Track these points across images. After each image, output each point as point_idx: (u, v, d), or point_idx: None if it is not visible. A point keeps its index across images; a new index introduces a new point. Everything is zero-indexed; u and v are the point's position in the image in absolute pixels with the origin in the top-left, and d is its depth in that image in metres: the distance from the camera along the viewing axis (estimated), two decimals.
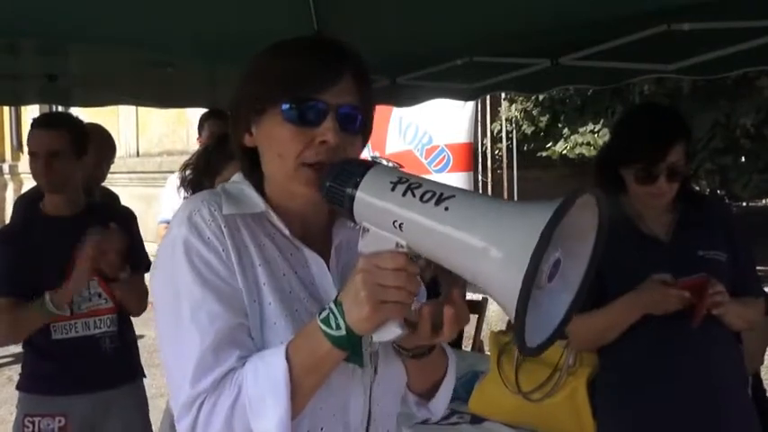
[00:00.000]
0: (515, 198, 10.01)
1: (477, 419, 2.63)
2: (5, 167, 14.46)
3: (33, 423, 2.59)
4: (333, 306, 1.05)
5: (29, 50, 3.25)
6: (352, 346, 1.05)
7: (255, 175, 1.24)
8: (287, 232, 1.20)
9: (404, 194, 1.01)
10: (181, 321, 1.12)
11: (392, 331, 1.05)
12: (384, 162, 1.11)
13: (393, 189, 1.02)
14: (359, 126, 1.18)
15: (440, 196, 0.98)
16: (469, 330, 4.22)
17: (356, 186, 1.05)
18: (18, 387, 2.72)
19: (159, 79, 3.80)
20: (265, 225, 1.21)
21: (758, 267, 2.26)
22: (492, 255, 0.91)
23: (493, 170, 7.85)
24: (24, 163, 14.23)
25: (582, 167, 6.97)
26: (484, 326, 4.30)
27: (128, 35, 2.87)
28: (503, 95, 7.41)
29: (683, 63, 3.00)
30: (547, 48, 3.19)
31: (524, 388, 2.51)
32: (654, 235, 2.10)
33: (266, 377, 1.06)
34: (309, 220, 1.24)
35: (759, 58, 2.97)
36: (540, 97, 7.03)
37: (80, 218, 2.62)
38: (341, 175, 1.08)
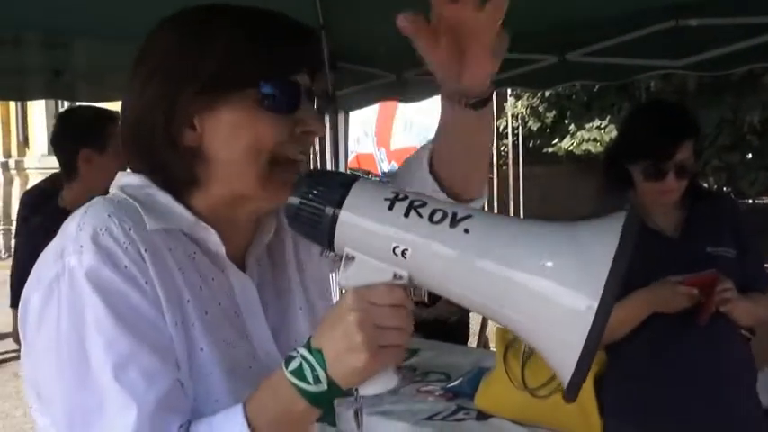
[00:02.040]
0: (521, 194, 9.99)
1: (482, 416, 2.63)
2: (12, 163, 14.50)
3: None
4: (306, 354, 0.83)
5: (34, 45, 3.25)
6: (329, 403, 0.85)
7: (186, 181, 0.95)
8: (222, 251, 0.96)
9: (406, 214, 0.81)
10: (97, 386, 0.83)
11: (387, 381, 0.85)
12: (363, 176, 0.93)
13: (391, 208, 0.82)
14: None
15: (453, 216, 0.80)
16: (475, 327, 4.22)
17: (339, 205, 0.83)
18: None
19: None
20: (185, 243, 0.95)
21: (767, 264, 2.25)
22: (541, 291, 0.73)
23: (498, 166, 7.84)
24: (30, 158, 14.30)
25: (588, 164, 6.96)
26: (489, 322, 4.30)
27: (134, 30, 2.87)
28: (509, 91, 7.40)
29: (690, 59, 2.99)
30: (553, 44, 3.18)
31: (531, 384, 2.50)
32: (662, 232, 2.09)
33: None
34: (246, 235, 1.02)
35: (766, 55, 2.96)
36: (547, 93, 7.03)
37: None
38: (317, 189, 0.85)
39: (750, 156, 6.54)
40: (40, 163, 12.71)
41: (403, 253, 0.81)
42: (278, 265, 1.07)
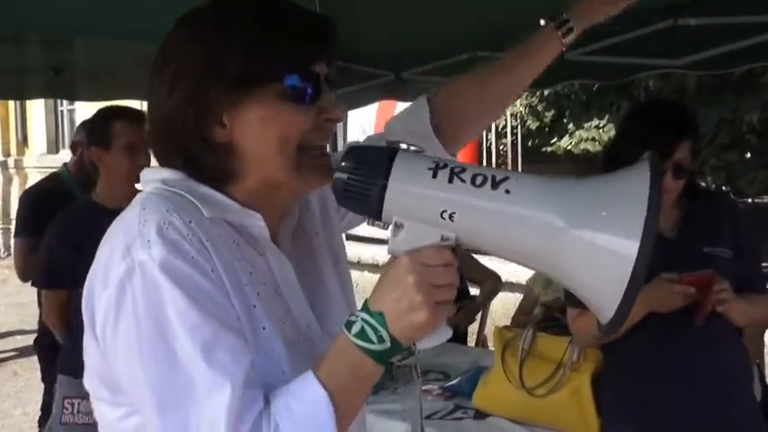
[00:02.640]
0: None
1: (480, 415, 2.63)
2: (11, 162, 14.49)
3: (72, 405, 2.64)
4: (367, 317, 0.89)
5: (34, 44, 3.25)
6: (390, 359, 0.92)
7: (219, 176, 1.00)
8: (266, 234, 1.02)
9: (450, 180, 0.88)
10: (186, 370, 0.88)
11: (442, 334, 0.93)
12: (401, 147, 1.05)
13: (435, 176, 0.89)
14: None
15: (493, 179, 0.87)
16: (473, 326, 4.23)
17: (386, 176, 0.90)
18: (60, 371, 2.78)
19: None
20: (230, 232, 0.99)
21: (764, 264, 2.25)
22: (588, 237, 0.82)
23: (497, 165, 7.84)
24: (29, 157, 14.28)
25: (586, 163, 6.96)
26: (488, 321, 4.30)
27: (133, 28, 2.87)
28: None
29: (689, 58, 3.00)
30: None
31: (528, 383, 2.51)
32: (659, 231, 2.09)
33: (305, 414, 0.88)
34: (276, 218, 1.06)
35: (765, 54, 2.97)
36: (545, 92, 7.02)
37: None
38: (363, 163, 0.92)
39: (749, 155, 6.55)
40: (39, 162, 12.70)
41: (450, 216, 0.88)
42: (302, 240, 1.13)
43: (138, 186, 2.61)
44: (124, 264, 0.90)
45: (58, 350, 2.90)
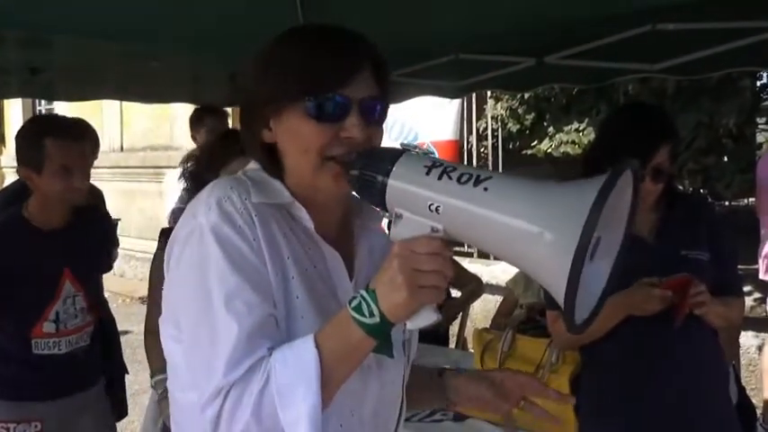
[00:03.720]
0: None
1: (459, 417, 2.64)
2: None
3: (8, 429, 2.49)
4: (364, 293, 1.04)
5: (11, 43, 3.22)
6: (384, 336, 1.05)
7: (276, 169, 1.21)
8: (311, 226, 1.20)
9: (440, 178, 1.01)
10: (213, 309, 1.08)
11: (427, 317, 1.05)
12: (415, 151, 1.18)
13: (428, 173, 1.02)
14: (381, 116, 1.19)
15: (477, 178, 0.99)
16: (453, 328, 4.23)
17: (388, 173, 1.05)
18: None
19: (143, 74, 3.78)
20: (287, 217, 1.20)
21: (741, 266, 2.28)
22: (538, 236, 0.92)
23: (478, 167, 7.87)
24: (7, 157, 14.09)
25: (567, 166, 6.99)
26: (468, 323, 4.31)
27: (112, 28, 2.84)
28: (488, 93, 7.42)
29: (667, 63, 3.02)
30: (532, 46, 3.20)
31: None
32: (638, 235, 2.11)
33: (296, 366, 1.04)
34: (328, 215, 1.24)
35: (742, 59, 3.00)
36: (526, 95, 7.04)
37: (70, 228, 2.51)
38: (371, 162, 1.08)
39: (726, 159, 6.61)
40: (14, 162, 12.54)
41: (437, 209, 1.01)
42: (365, 253, 1.30)
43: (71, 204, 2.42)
44: (191, 224, 1.13)
45: None
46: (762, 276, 4.41)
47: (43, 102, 12.89)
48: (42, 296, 2.46)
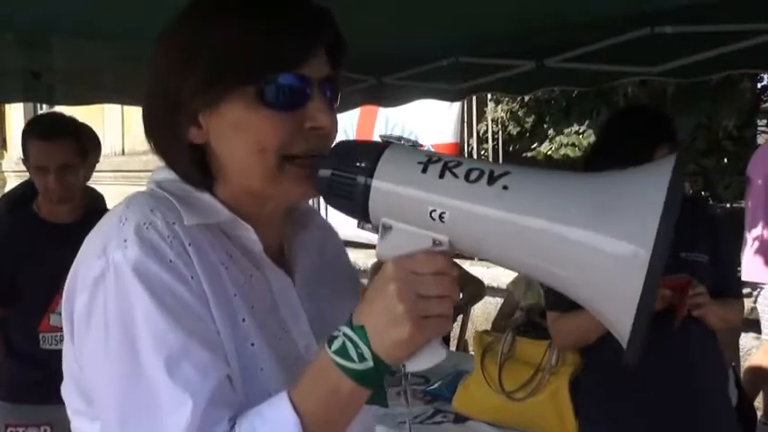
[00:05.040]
0: None
1: (460, 418, 2.65)
2: None
3: None
4: (348, 331, 0.80)
5: (12, 46, 3.22)
6: (378, 382, 0.81)
7: (203, 178, 0.93)
8: (259, 248, 0.93)
9: (441, 176, 0.78)
10: (148, 379, 0.80)
11: (433, 354, 0.81)
12: (395, 142, 0.94)
13: (425, 170, 0.78)
14: (337, 102, 0.94)
15: (491, 174, 0.76)
16: (454, 330, 4.24)
17: (371, 173, 0.81)
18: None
19: (145, 77, 3.78)
20: (221, 240, 0.92)
21: (740, 268, 2.28)
22: (592, 245, 0.70)
23: None
24: (8, 161, 14.13)
25: (567, 168, 7.00)
26: (469, 325, 4.32)
27: (114, 31, 2.85)
28: (489, 96, 7.43)
29: (666, 65, 3.02)
30: (532, 49, 3.20)
31: (507, 387, 2.52)
32: None
33: None
34: (272, 229, 0.98)
35: (742, 61, 3.00)
36: (526, 98, 7.05)
37: (79, 224, 2.51)
38: (346, 159, 0.83)
39: (726, 160, 6.61)
40: (18, 166, 12.56)
41: (440, 217, 0.77)
42: (318, 259, 1.06)
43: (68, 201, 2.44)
44: (99, 263, 0.84)
45: None
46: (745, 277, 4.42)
47: (44, 106, 12.91)
48: (49, 288, 2.46)
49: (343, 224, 1.06)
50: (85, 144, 2.59)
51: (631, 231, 0.69)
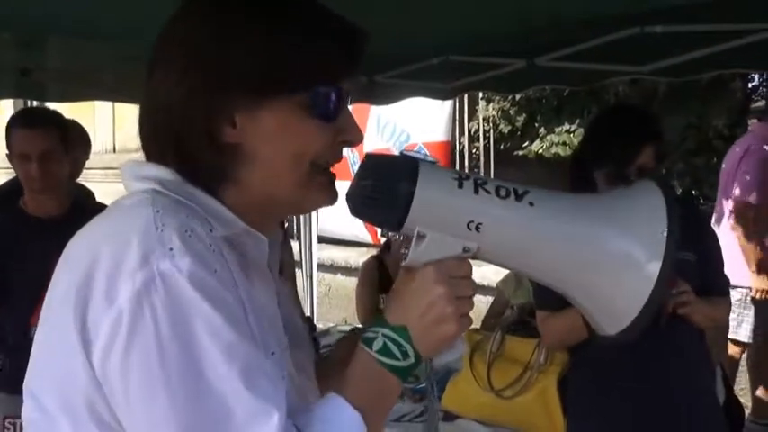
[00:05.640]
0: None
1: (449, 416, 2.65)
2: None
3: (15, 424, 2.49)
4: (388, 332, 0.86)
5: (2, 44, 3.21)
6: (413, 373, 0.88)
7: (221, 181, 0.89)
8: (266, 259, 0.92)
9: (476, 191, 0.87)
10: (220, 396, 0.76)
11: (459, 348, 0.91)
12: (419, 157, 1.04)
13: (461, 186, 0.87)
14: None
15: (516, 192, 0.88)
16: None
17: (414, 185, 0.86)
18: None
19: (137, 75, 3.76)
20: (227, 251, 0.86)
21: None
22: (613, 254, 0.86)
23: (470, 169, 7.88)
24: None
25: (557, 167, 7.02)
26: None
27: (105, 29, 2.84)
28: (480, 95, 7.44)
29: (657, 65, 3.04)
30: (522, 48, 3.21)
31: (496, 385, 2.53)
32: None
33: None
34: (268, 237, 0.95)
35: (732, 61, 3.02)
36: (517, 97, 7.07)
37: (67, 218, 2.53)
38: (388, 172, 0.88)
39: (715, 160, 6.65)
40: (5, 162, 12.49)
41: (477, 227, 0.87)
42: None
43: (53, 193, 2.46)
44: (141, 275, 0.76)
45: None
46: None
47: (35, 103, 12.85)
48: (38, 281, 2.46)
49: (338, 225, 1.08)
50: (68, 134, 2.59)
51: (646, 242, 0.86)
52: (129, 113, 10.99)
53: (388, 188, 0.87)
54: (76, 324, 0.79)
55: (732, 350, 4.14)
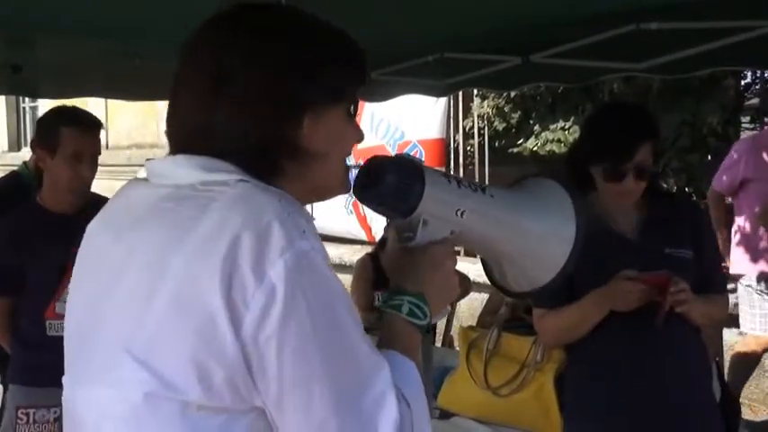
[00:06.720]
0: None
1: (446, 414, 2.65)
2: None
3: (27, 415, 2.53)
4: (411, 299, 1.08)
5: None
6: None
7: (271, 172, 1.01)
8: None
9: (459, 186, 1.13)
10: (357, 356, 0.94)
11: (445, 310, 1.19)
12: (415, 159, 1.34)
13: (449, 182, 1.13)
14: None
15: (480, 186, 1.15)
16: (440, 326, 4.24)
17: (423, 182, 1.09)
18: (10, 380, 2.67)
19: (129, 72, 3.75)
20: None
21: (723, 264, 2.29)
22: (548, 233, 1.18)
23: (465, 166, 7.86)
24: None
25: (552, 164, 7.02)
26: (454, 322, 4.32)
27: (97, 26, 2.83)
28: (475, 92, 7.43)
29: (652, 62, 3.03)
30: (517, 45, 3.21)
31: (493, 383, 2.53)
32: (621, 233, 2.12)
33: (415, 385, 1.01)
34: None
35: (726, 58, 3.02)
36: (512, 94, 7.06)
37: (80, 214, 2.49)
38: (405, 169, 1.10)
39: (710, 157, 6.65)
40: (1, 159, 12.47)
41: (462, 214, 1.12)
42: None
43: (78, 194, 2.52)
44: (290, 254, 0.89)
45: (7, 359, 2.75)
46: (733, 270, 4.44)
47: (27, 100, 12.79)
48: (55, 276, 2.50)
49: (332, 222, 1.31)
50: None
51: (561, 218, 1.20)
52: (121, 111, 10.93)
53: (406, 185, 1.09)
54: (224, 302, 0.87)
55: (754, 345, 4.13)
